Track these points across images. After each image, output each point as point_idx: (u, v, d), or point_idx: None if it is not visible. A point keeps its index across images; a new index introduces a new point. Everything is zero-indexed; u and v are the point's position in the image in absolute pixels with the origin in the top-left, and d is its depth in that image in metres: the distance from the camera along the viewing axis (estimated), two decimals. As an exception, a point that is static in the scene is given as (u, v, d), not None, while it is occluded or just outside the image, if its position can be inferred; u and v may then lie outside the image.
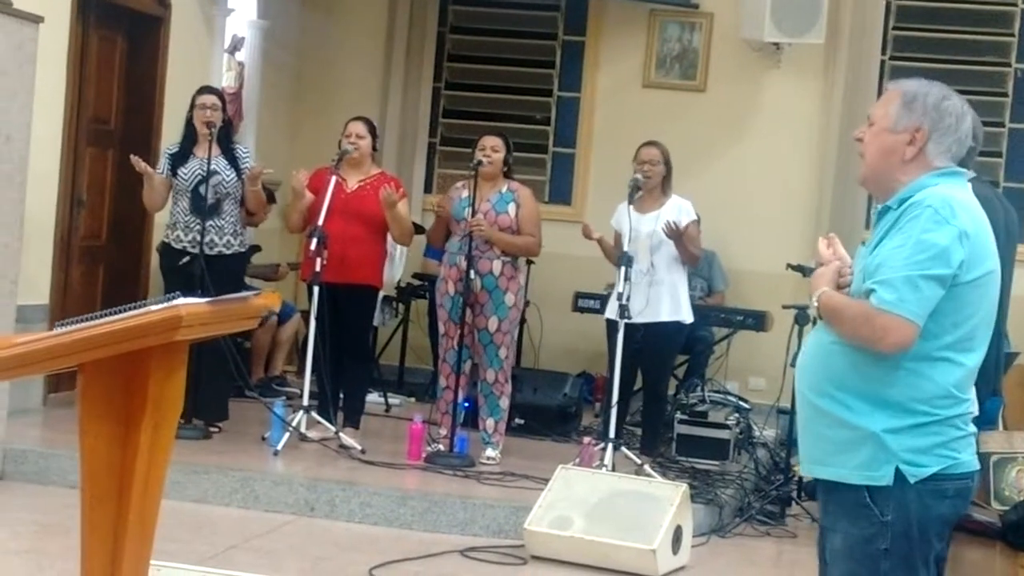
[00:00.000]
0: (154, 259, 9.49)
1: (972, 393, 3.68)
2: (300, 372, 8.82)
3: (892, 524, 3.56)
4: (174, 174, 8.47)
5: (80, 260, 9.26)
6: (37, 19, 7.50)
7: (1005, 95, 11.30)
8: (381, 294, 9.98)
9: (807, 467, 3.77)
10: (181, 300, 2.96)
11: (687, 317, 8.74)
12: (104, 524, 3.07)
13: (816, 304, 3.65)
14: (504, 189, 8.45)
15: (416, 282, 11.06)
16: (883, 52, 11.44)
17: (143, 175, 8.34)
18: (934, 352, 3.56)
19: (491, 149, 8.40)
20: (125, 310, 2.92)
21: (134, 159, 8.26)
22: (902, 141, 3.66)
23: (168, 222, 8.62)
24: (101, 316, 2.93)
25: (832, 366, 3.63)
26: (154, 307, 2.91)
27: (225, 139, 8.56)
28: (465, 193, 8.43)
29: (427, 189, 12.09)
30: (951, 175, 3.68)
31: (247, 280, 9.82)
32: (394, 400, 10.41)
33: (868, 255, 3.65)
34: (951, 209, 3.53)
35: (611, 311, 8.48)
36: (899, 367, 3.55)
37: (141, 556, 3.18)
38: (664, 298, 8.59)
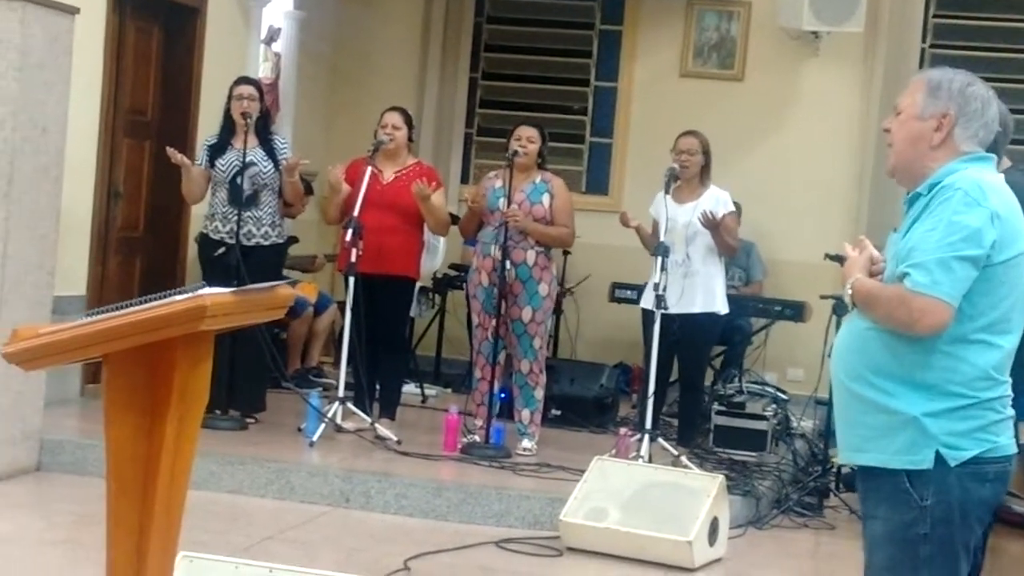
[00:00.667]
0: (191, 250, 9.51)
1: (1008, 376, 3.67)
2: (336, 363, 8.81)
3: (932, 508, 3.56)
4: (212, 165, 8.47)
5: (117, 251, 9.28)
6: (73, 11, 7.52)
7: (1046, 83, 11.21)
8: (418, 285, 9.98)
9: (846, 455, 3.78)
10: (206, 290, 2.95)
11: (722, 308, 8.68)
12: (130, 515, 3.06)
13: (850, 291, 3.65)
14: (538, 180, 8.43)
15: (453, 272, 11.04)
16: (923, 40, 11.37)
17: (181, 167, 8.35)
18: (970, 334, 3.56)
19: (527, 139, 8.38)
20: (151, 299, 2.91)
21: (170, 151, 8.27)
22: (929, 128, 3.69)
23: (207, 213, 8.63)
24: (127, 306, 2.92)
25: (868, 352, 3.62)
26: (178, 296, 2.90)
27: (263, 130, 8.55)
28: (499, 183, 8.41)
29: (464, 179, 12.08)
30: (980, 159, 3.70)
31: (285, 272, 9.83)
32: (430, 391, 10.41)
33: (900, 240, 3.65)
34: (981, 191, 3.55)
35: (647, 301, 8.44)
36: (936, 350, 3.55)
37: (167, 548, 3.17)
38: (699, 289, 8.53)
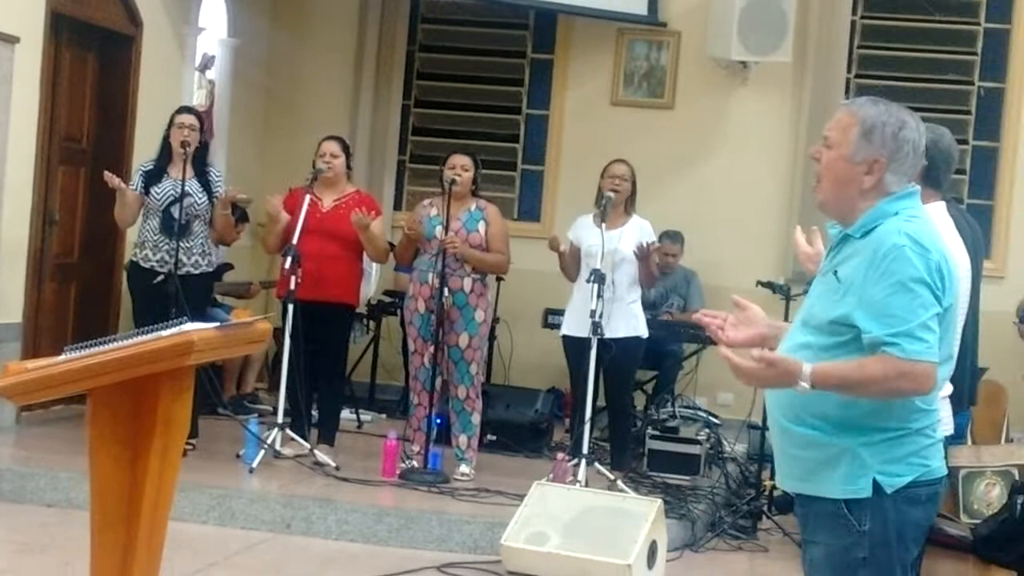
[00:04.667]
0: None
1: (939, 402, 3.76)
2: (271, 389, 8.84)
3: (870, 533, 3.63)
4: (147, 192, 8.46)
5: (52, 277, 9.28)
6: (13, 40, 7.53)
7: (968, 113, 11.46)
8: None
9: (786, 483, 3.84)
10: (190, 326, 3.00)
11: (644, 332, 8.81)
12: (114, 547, 3.10)
13: (808, 383, 3.57)
14: (473, 207, 8.52)
15: (387, 299, 11.10)
16: (848, 71, 11.56)
17: (116, 191, 8.33)
18: None
19: (461, 168, 8.46)
20: (135, 335, 2.97)
21: (108, 175, 8.25)
22: (860, 172, 3.73)
23: (137, 240, 8.60)
24: (110, 341, 2.97)
25: (803, 394, 3.63)
26: (164, 332, 2.96)
27: (200, 161, 8.56)
28: (434, 211, 8.49)
29: (397, 206, 12.14)
30: (906, 196, 3.74)
31: (219, 298, 9.85)
32: (366, 416, 10.45)
33: (831, 279, 3.69)
34: (922, 245, 3.60)
35: (570, 327, 8.57)
36: None
37: (150, 574, 3.22)
38: (623, 314, 8.64)
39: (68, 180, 9.36)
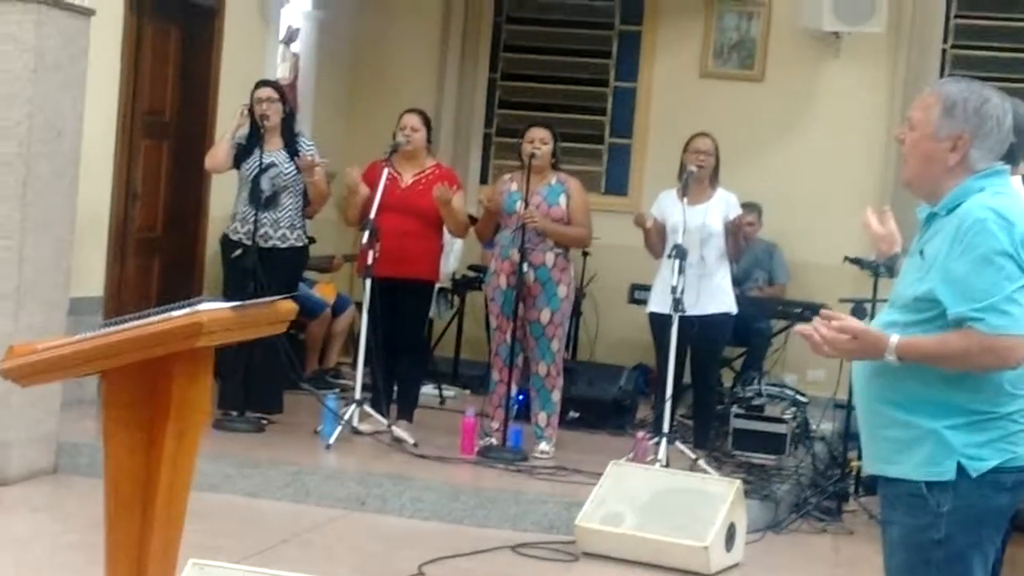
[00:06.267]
0: (210, 250, 9.53)
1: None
2: (355, 364, 8.79)
3: (949, 515, 3.60)
4: (237, 166, 8.47)
5: (136, 252, 9.29)
6: (89, 12, 7.49)
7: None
8: (437, 286, 9.95)
9: (870, 466, 3.83)
10: (204, 306, 2.92)
11: (734, 308, 8.69)
12: (129, 531, 3.04)
13: (894, 356, 3.59)
14: (554, 181, 8.40)
15: (472, 274, 11.01)
16: (944, 41, 11.30)
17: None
18: None
19: (539, 141, 8.34)
20: (151, 314, 2.89)
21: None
22: (944, 149, 3.71)
23: (231, 214, 8.62)
24: (127, 320, 2.90)
25: (889, 371, 3.64)
26: (176, 312, 2.88)
27: (287, 131, 8.53)
28: (514, 186, 8.38)
29: (483, 180, 12.05)
30: (994, 175, 3.73)
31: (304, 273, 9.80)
32: (448, 392, 10.38)
33: (919, 262, 3.69)
34: (1005, 218, 3.58)
35: (656, 304, 8.42)
36: (962, 372, 3.59)
37: (166, 563, 3.15)
38: (714, 291, 8.51)
39: (151, 154, 9.36)
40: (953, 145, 3.69)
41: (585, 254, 10.63)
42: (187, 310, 2.89)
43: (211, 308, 2.96)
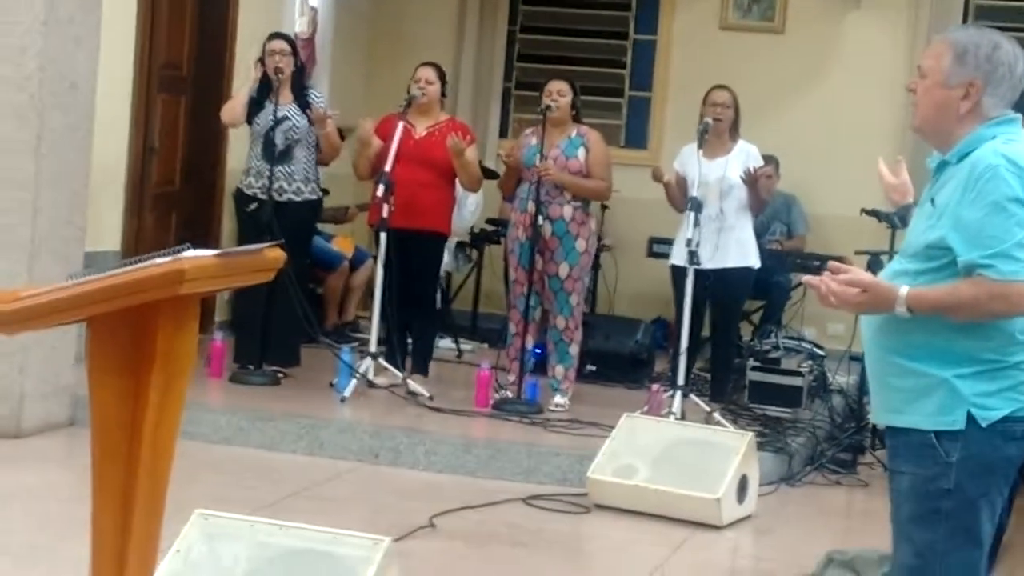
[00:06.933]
0: (228, 204, 9.52)
1: None
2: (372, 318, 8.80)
3: (958, 464, 3.59)
4: (249, 121, 8.47)
5: (153, 207, 9.29)
6: (102, -35, 7.49)
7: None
8: (455, 240, 9.95)
9: (879, 416, 3.82)
10: (188, 252, 2.91)
11: (756, 262, 8.62)
12: (114, 480, 3.05)
13: (904, 308, 3.57)
14: (573, 134, 8.36)
15: (490, 227, 10.99)
16: (967, -10, 11.20)
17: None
18: None
19: (557, 93, 8.30)
20: (134, 262, 2.89)
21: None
22: (956, 96, 3.68)
23: (244, 168, 8.62)
24: (113, 269, 2.90)
25: (898, 321, 3.62)
26: (159, 259, 2.87)
27: (298, 85, 8.52)
28: (534, 140, 8.35)
29: (503, 134, 12.02)
30: (1006, 122, 3.70)
31: (319, 226, 9.80)
32: (466, 346, 10.38)
33: (929, 210, 3.67)
34: (1017, 165, 3.56)
35: (677, 257, 8.38)
36: (972, 322, 3.58)
37: (152, 513, 3.16)
38: (733, 244, 8.47)
39: (168, 108, 9.35)
40: (965, 92, 3.65)
41: (604, 207, 10.60)
42: (169, 258, 2.88)
43: (194, 255, 2.95)
